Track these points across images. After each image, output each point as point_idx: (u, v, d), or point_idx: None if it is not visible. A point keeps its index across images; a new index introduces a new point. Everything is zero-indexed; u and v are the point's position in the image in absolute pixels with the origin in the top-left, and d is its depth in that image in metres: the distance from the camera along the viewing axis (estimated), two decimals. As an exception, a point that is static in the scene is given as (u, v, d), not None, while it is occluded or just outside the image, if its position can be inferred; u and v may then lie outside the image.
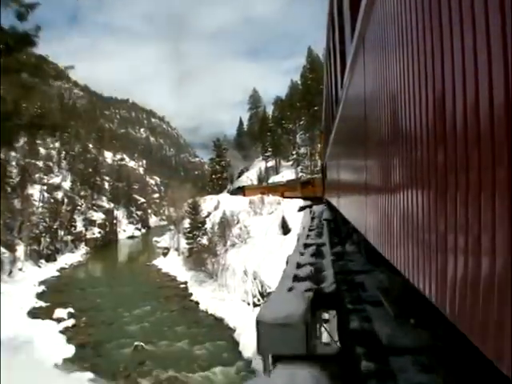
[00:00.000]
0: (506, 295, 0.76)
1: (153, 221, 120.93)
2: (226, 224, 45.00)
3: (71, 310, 34.66)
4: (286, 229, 34.25)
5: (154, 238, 75.89)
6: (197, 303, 34.88)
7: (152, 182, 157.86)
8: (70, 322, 31.75)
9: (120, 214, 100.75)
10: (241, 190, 61.36)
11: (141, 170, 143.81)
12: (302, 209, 33.66)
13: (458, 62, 0.98)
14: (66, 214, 71.36)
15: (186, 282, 41.95)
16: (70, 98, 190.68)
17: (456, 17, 0.97)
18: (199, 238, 45.87)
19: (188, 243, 47.18)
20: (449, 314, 1.07)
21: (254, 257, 33.13)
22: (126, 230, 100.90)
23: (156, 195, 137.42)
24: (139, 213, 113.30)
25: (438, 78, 1.14)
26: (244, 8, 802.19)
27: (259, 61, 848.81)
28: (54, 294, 41.13)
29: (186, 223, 50.97)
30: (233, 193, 62.81)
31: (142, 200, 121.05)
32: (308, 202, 35.32)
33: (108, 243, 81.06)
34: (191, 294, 37.63)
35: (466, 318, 0.96)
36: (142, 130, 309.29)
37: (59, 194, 76.63)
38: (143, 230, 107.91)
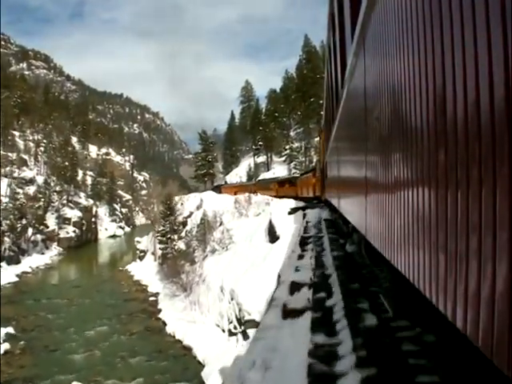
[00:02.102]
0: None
1: (140, 219, 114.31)
2: (206, 226, 39.03)
3: (11, 329, 28.38)
4: (273, 235, 28.25)
5: (136, 238, 69.53)
6: (164, 324, 28.78)
7: (140, 178, 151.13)
8: (3, 348, 25.49)
9: (102, 211, 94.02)
10: (218, 189, 58.58)
11: (127, 166, 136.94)
12: (293, 211, 28.34)
13: (458, 60, 0.98)
14: (37, 210, 64.86)
15: (157, 294, 35.82)
16: (61, 91, 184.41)
17: (456, 14, 0.97)
18: (175, 243, 39.69)
19: (161, 248, 40.95)
20: (451, 317, 1.05)
21: (234, 269, 27.23)
22: (108, 228, 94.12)
23: (144, 192, 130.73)
24: (124, 210, 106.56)
25: (438, 76, 1.14)
26: (243, 7, 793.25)
27: (257, 61, 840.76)
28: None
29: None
30: (213, 191, 58.08)
31: (128, 197, 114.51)
32: (301, 203, 29.96)
33: (85, 243, 74.65)
34: (160, 311, 31.49)
35: (471, 324, 0.92)
36: (135, 125, 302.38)
37: (31, 189, 70.12)
38: (127, 229, 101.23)
